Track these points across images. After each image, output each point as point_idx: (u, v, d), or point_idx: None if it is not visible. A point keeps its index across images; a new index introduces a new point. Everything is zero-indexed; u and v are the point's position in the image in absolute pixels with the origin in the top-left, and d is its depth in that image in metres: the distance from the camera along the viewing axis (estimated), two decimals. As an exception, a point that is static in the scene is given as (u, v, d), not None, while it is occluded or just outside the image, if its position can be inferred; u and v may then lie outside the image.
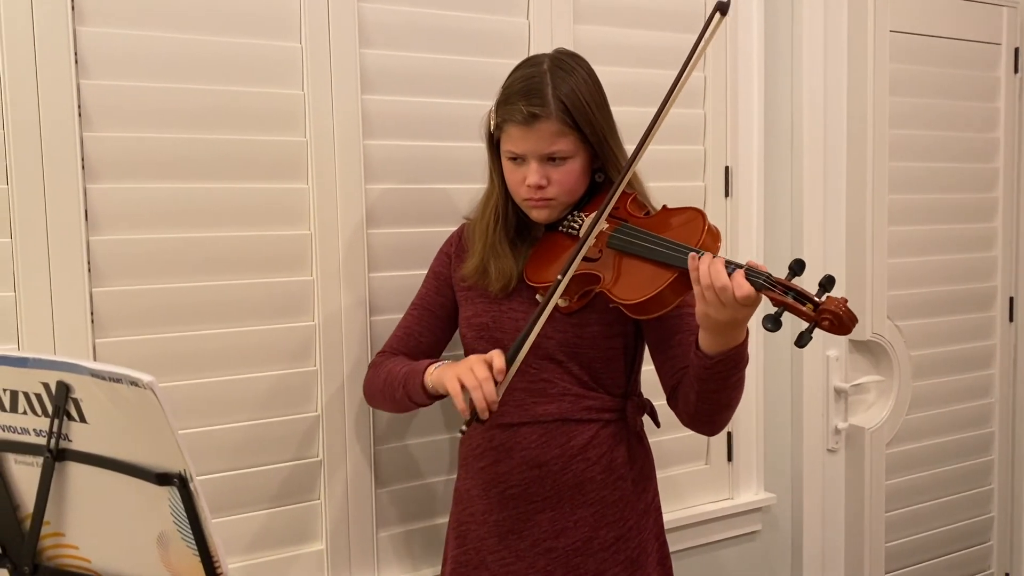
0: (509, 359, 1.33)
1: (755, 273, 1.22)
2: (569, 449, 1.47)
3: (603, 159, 1.46)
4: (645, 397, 1.57)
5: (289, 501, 1.68)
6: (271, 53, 1.61)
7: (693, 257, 1.27)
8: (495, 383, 1.30)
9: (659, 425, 1.57)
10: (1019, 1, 2.62)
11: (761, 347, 2.20)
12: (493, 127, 1.47)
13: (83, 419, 0.97)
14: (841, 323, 1.17)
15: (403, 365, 1.51)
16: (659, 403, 1.54)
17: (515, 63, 1.49)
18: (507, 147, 1.45)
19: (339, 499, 1.71)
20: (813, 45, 2.25)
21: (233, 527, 1.62)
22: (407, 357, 1.58)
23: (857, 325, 1.20)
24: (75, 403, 0.96)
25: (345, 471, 1.71)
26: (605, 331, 1.47)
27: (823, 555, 2.40)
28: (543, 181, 1.43)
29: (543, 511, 1.48)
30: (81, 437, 0.97)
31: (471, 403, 1.30)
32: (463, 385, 1.31)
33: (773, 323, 1.18)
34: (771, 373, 2.27)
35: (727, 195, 2.13)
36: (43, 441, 0.98)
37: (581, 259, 1.37)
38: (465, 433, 1.35)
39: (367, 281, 1.71)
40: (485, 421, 1.32)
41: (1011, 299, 2.72)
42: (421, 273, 1.65)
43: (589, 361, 1.47)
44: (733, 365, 1.31)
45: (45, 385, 0.96)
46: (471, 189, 1.67)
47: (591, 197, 1.50)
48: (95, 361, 1.01)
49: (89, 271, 1.48)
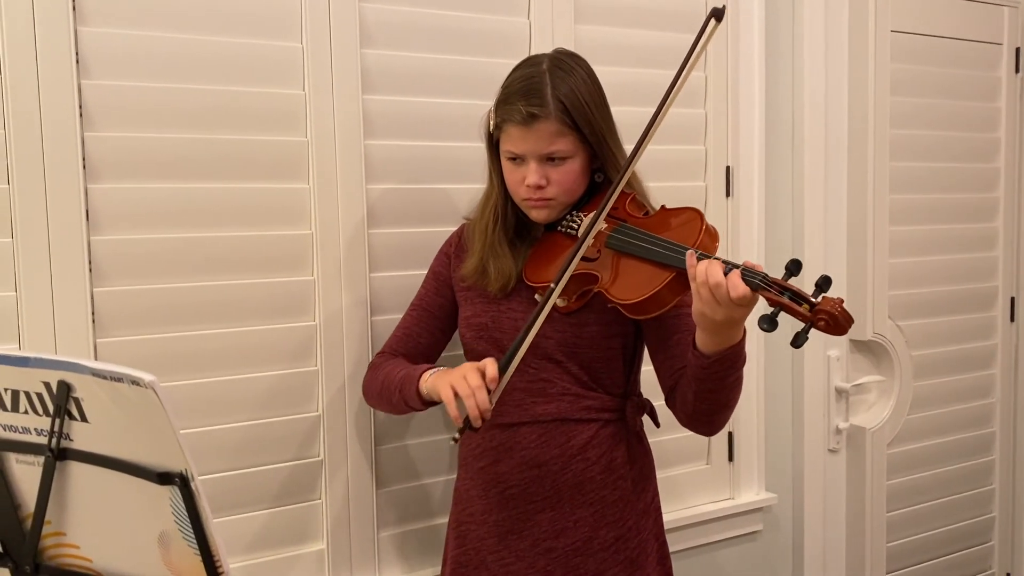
0: (502, 367, 1.34)
1: (751, 273, 1.22)
2: (569, 449, 1.47)
3: (602, 159, 1.46)
4: (645, 397, 1.57)
5: (290, 501, 1.68)
6: (272, 53, 1.61)
7: (691, 254, 1.27)
8: (488, 391, 1.31)
9: (659, 425, 1.57)
10: (1020, 1, 2.62)
11: (762, 347, 2.20)
12: (492, 127, 1.47)
13: (84, 418, 0.97)
14: (837, 323, 1.17)
15: (400, 369, 1.51)
16: (659, 403, 1.54)
17: (516, 63, 1.49)
18: (506, 147, 1.45)
19: (340, 499, 1.71)
20: (814, 45, 2.25)
21: (234, 527, 1.63)
22: (406, 358, 1.59)
23: (858, 325, 1.20)
24: (76, 402, 0.96)
25: (346, 471, 1.71)
26: (604, 331, 1.47)
27: (824, 555, 2.40)
28: (542, 181, 1.43)
29: (543, 511, 1.48)
30: (82, 436, 0.97)
31: (465, 410, 1.31)
32: (456, 393, 1.32)
33: (769, 323, 1.18)
34: (772, 373, 2.27)
35: (728, 195, 2.13)
36: (44, 440, 0.98)
37: (579, 259, 1.37)
38: (458, 441, 1.36)
39: (368, 281, 1.71)
40: (478, 429, 1.33)
41: (1012, 299, 2.72)
42: (422, 273, 1.65)
43: (588, 361, 1.47)
44: (730, 364, 1.31)
45: (46, 384, 0.96)
46: (472, 189, 1.67)
47: (590, 197, 1.50)
48: (96, 360, 1.01)
49: (90, 271, 1.48)
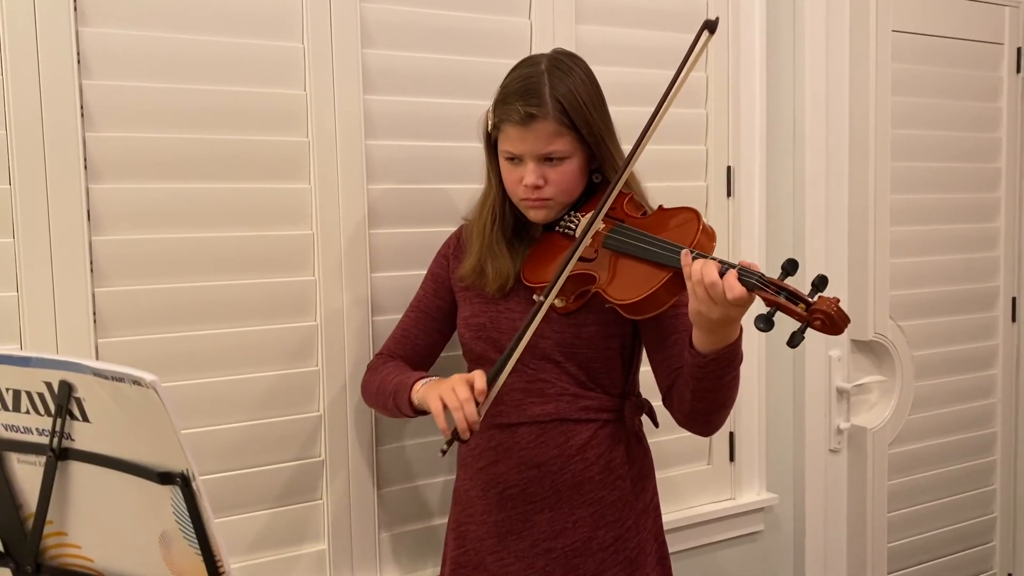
0: (491, 379, 1.34)
1: (747, 273, 1.22)
2: (567, 449, 1.47)
3: (600, 160, 1.46)
4: (644, 397, 1.57)
5: (291, 501, 1.68)
6: (273, 53, 1.61)
7: (686, 253, 1.27)
8: (477, 403, 1.31)
9: (657, 425, 1.57)
10: (1021, 1, 2.62)
11: (763, 347, 2.19)
12: (490, 127, 1.47)
13: (86, 418, 0.97)
14: (833, 323, 1.17)
15: (396, 375, 1.52)
16: (657, 403, 1.54)
17: (517, 63, 1.49)
18: (504, 147, 1.45)
19: (341, 499, 1.71)
20: (815, 44, 2.25)
21: (235, 527, 1.63)
22: (404, 359, 1.60)
23: (859, 325, 1.20)
24: (78, 402, 0.96)
25: (347, 471, 1.71)
26: (602, 331, 1.47)
27: (825, 555, 2.40)
28: (540, 181, 1.42)
29: (542, 511, 1.48)
30: (84, 436, 0.97)
31: (453, 423, 1.32)
32: (445, 405, 1.32)
33: (765, 323, 1.18)
34: (773, 373, 2.26)
35: (729, 195, 2.13)
36: (46, 440, 0.98)
37: (577, 259, 1.37)
38: (445, 452, 1.37)
39: (369, 281, 1.71)
40: (466, 441, 1.33)
41: (1014, 299, 2.72)
42: (423, 273, 1.65)
43: (586, 361, 1.47)
44: (727, 364, 1.31)
45: (48, 384, 0.96)
46: (473, 189, 1.67)
47: (588, 197, 1.50)
48: (98, 360, 1.01)
49: (91, 271, 1.48)
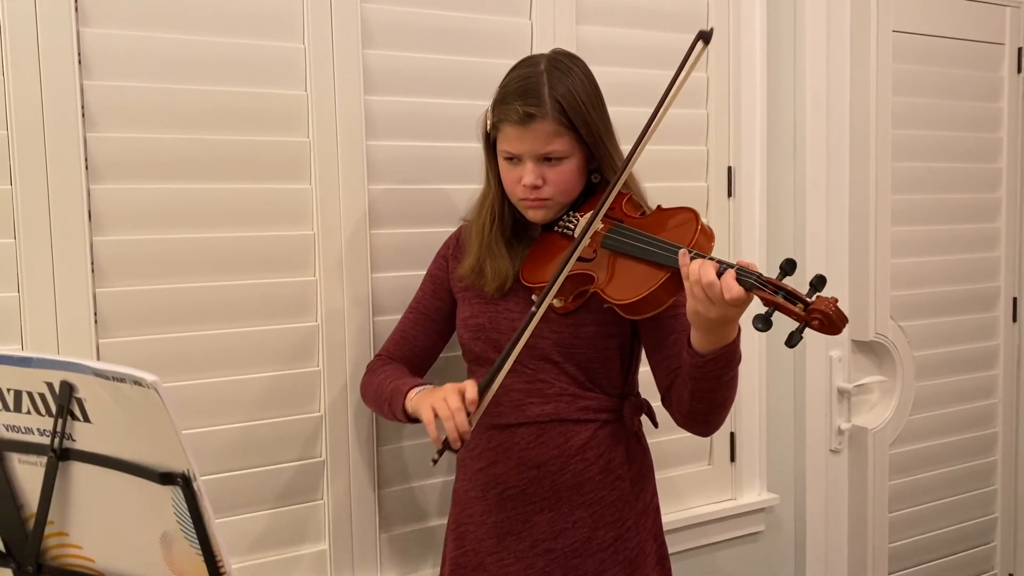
0: (482, 388, 1.34)
1: (746, 273, 1.22)
2: (567, 449, 1.47)
3: (599, 160, 1.46)
4: (643, 398, 1.56)
5: (292, 501, 1.68)
6: (274, 54, 1.61)
7: (683, 253, 1.27)
8: (468, 413, 1.32)
9: (657, 425, 1.57)
10: (1022, 1, 2.62)
11: (764, 348, 2.19)
12: (489, 127, 1.47)
13: (87, 419, 0.97)
14: (831, 323, 1.17)
15: (392, 379, 1.52)
16: (657, 404, 1.54)
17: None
18: (503, 147, 1.45)
19: (342, 499, 1.71)
20: (816, 45, 2.25)
21: (236, 527, 1.63)
22: (403, 361, 1.61)
23: (860, 325, 1.19)
24: (79, 403, 0.96)
25: (348, 471, 1.71)
26: (601, 331, 1.47)
27: (826, 556, 2.40)
28: (539, 181, 1.42)
29: (541, 512, 1.48)
30: (85, 437, 0.98)
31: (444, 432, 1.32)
32: (436, 414, 1.33)
33: (763, 323, 1.18)
34: (774, 373, 2.26)
35: (730, 195, 2.13)
36: (47, 441, 0.98)
37: (575, 259, 1.37)
38: (436, 462, 1.37)
39: (370, 281, 1.71)
40: (457, 451, 1.34)
41: (1015, 299, 2.72)
42: (424, 273, 1.65)
43: (585, 361, 1.47)
44: (725, 363, 1.31)
45: (49, 385, 0.96)
46: (474, 190, 1.67)
47: (587, 197, 1.50)
48: (99, 361, 1.01)
49: (93, 271, 1.48)
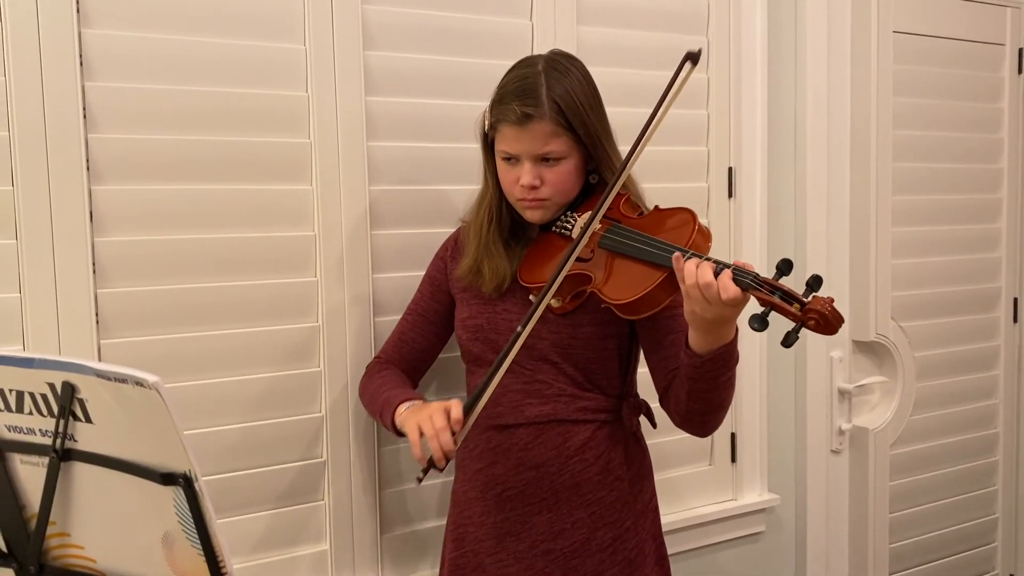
0: (467, 407, 1.35)
1: (742, 273, 1.22)
2: (565, 450, 1.47)
3: (597, 160, 1.46)
4: (641, 398, 1.56)
5: (293, 502, 1.69)
6: (275, 55, 1.61)
7: (678, 257, 1.27)
8: (453, 432, 1.32)
9: (655, 426, 1.57)
10: (1023, 2, 2.62)
11: (764, 348, 2.19)
12: (487, 127, 1.47)
13: (88, 419, 0.97)
14: (827, 323, 1.17)
15: (386, 390, 1.53)
16: (655, 404, 1.53)
17: (516, 64, 1.49)
18: (501, 147, 1.45)
19: (343, 500, 1.71)
20: (816, 45, 2.25)
21: (237, 527, 1.63)
22: (401, 363, 1.62)
23: (861, 326, 1.19)
24: (80, 403, 0.96)
25: (349, 472, 1.71)
26: (599, 332, 1.47)
27: (827, 556, 2.40)
28: (536, 181, 1.43)
29: (540, 512, 1.48)
30: (86, 437, 0.98)
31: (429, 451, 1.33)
32: (422, 433, 1.34)
33: (760, 323, 1.18)
34: (775, 374, 2.26)
35: (730, 196, 2.13)
36: (49, 441, 0.98)
37: (573, 260, 1.37)
38: (421, 481, 1.38)
39: (371, 282, 1.72)
40: (442, 469, 1.34)
41: (1015, 300, 2.72)
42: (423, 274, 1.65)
43: (584, 362, 1.47)
44: (723, 364, 1.31)
45: (51, 385, 0.97)
46: (475, 190, 1.67)
47: (585, 198, 1.50)
48: (100, 362, 1.02)
49: (94, 272, 1.48)
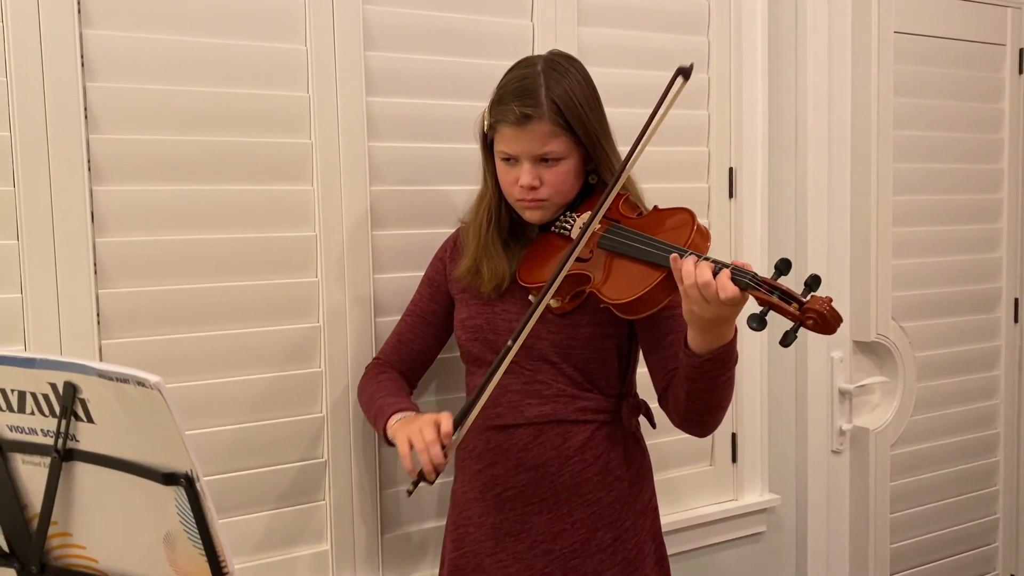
0: (457, 420, 1.35)
1: (741, 272, 1.22)
2: (565, 450, 1.47)
3: (596, 161, 1.46)
4: (641, 398, 1.56)
5: (294, 502, 1.69)
6: (276, 55, 1.62)
7: (675, 257, 1.27)
8: (442, 446, 1.33)
9: (655, 426, 1.57)
10: (1023, 2, 2.62)
11: (765, 348, 2.19)
12: (487, 127, 1.47)
13: (90, 419, 0.97)
14: (826, 322, 1.17)
15: (380, 397, 1.53)
16: (655, 405, 1.53)
17: (515, 65, 1.49)
18: (500, 147, 1.45)
19: (344, 500, 1.71)
20: (817, 46, 2.25)
21: (239, 527, 1.63)
22: (400, 364, 1.62)
23: (862, 326, 1.19)
24: (82, 403, 0.96)
25: (349, 472, 1.71)
26: (598, 332, 1.47)
27: (828, 556, 2.40)
28: (536, 182, 1.43)
29: (540, 513, 1.48)
30: (88, 437, 0.98)
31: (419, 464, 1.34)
32: (412, 445, 1.34)
33: (758, 322, 1.18)
34: (775, 374, 2.26)
35: (731, 196, 2.13)
36: (50, 441, 0.99)
37: (573, 261, 1.37)
38: (411, 493, 1.38)
39: (371, 282, 1.72)
40: (432, 482, 1.35)
41: (1016, 300, 2.71)
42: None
43: (583, 362, 1.47)
44: (722, 364, 1.31)
45: (52, 386, 0.97)
46: (476, 191, 1.67)
47: (584, 198, 1.50)
48: (102, 362, 1.02)
49: (95, 272, 1.48)
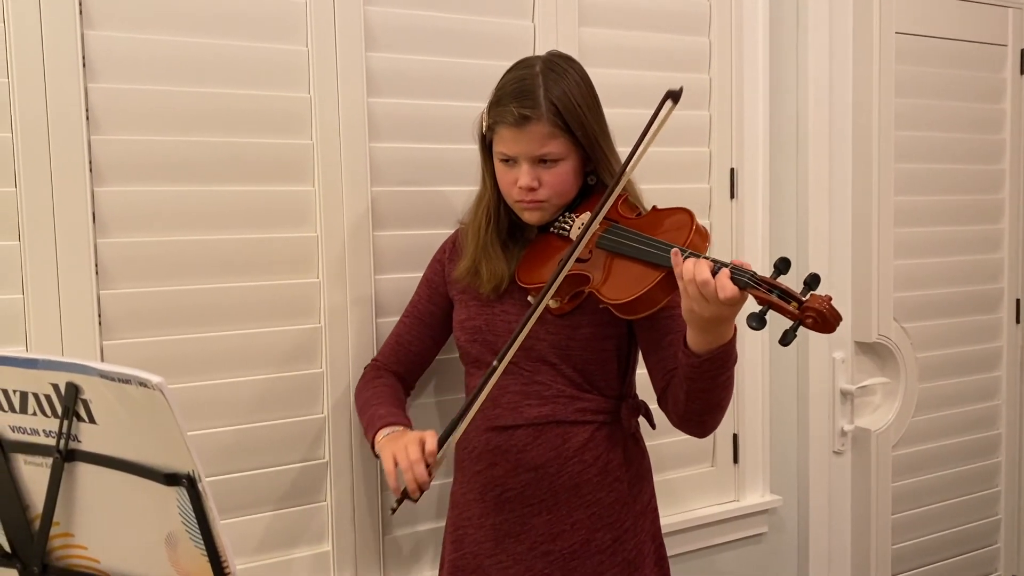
0: (442, 439, 1.35)
1: (740, 272, 1.22)
2: (564, 451, 1.47)
3: (595, 161, 1.46)
4: (640, 399, 1.56)
5: (295, 503, 1.69)
6: (277, 56, 1.62)
7: (675, 253, 1.27)
8: (427, 465, 1.33)
9: (654, 427, 1.57)
10: (1025, 2, 2.62)
11: (766, 349, 2.19)
12: (485, 128, 1.47)
13: (92, 420, 0.97)
14: (825, 321, 1.16)
15: (372, 406, 1.54)
16: (655, 406, 1.53)
17: (515, 66, 1.49)
18: (499, 148, 1.45)
19: (345, 501, 1.72)
20: (818, 46, 2.25)
21: (240, 528, 1.63)
22: (398, 366, 1.63)
23: (863, 327, 1.19)
24: (84, 404, 0.96)
25: (350, 473, 1.71)
26: (597, 332, 1.47)
27: (829, 557, 2.40)
28: (534, 183, 1.43)
29: (540, 514, 1.48)
30: (90, 438, 0.98)
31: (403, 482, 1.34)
32: (397, 463, 1.34)
33: (758, 321, 1.17)
34: (777, 375, 2.26)
35: (732, 197, 2.13)
36: (52, 442, 0.99)
37: (572, 262, 1.37)
38: (395, 511, 1.39)
39: (373, 283, 1.72)
40: (416, 500, 1.35)
41: (1018, 301, 2.71)
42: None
43: (582, 363, 1.47)
44: (721, 364, 1.31)
45: (55, 386, 0.97)
46: (475, 192, 1.67)
47: (583, 199, 1.50)
48: (103, 362, 1.02)
49: (97, 273, 1.49)
